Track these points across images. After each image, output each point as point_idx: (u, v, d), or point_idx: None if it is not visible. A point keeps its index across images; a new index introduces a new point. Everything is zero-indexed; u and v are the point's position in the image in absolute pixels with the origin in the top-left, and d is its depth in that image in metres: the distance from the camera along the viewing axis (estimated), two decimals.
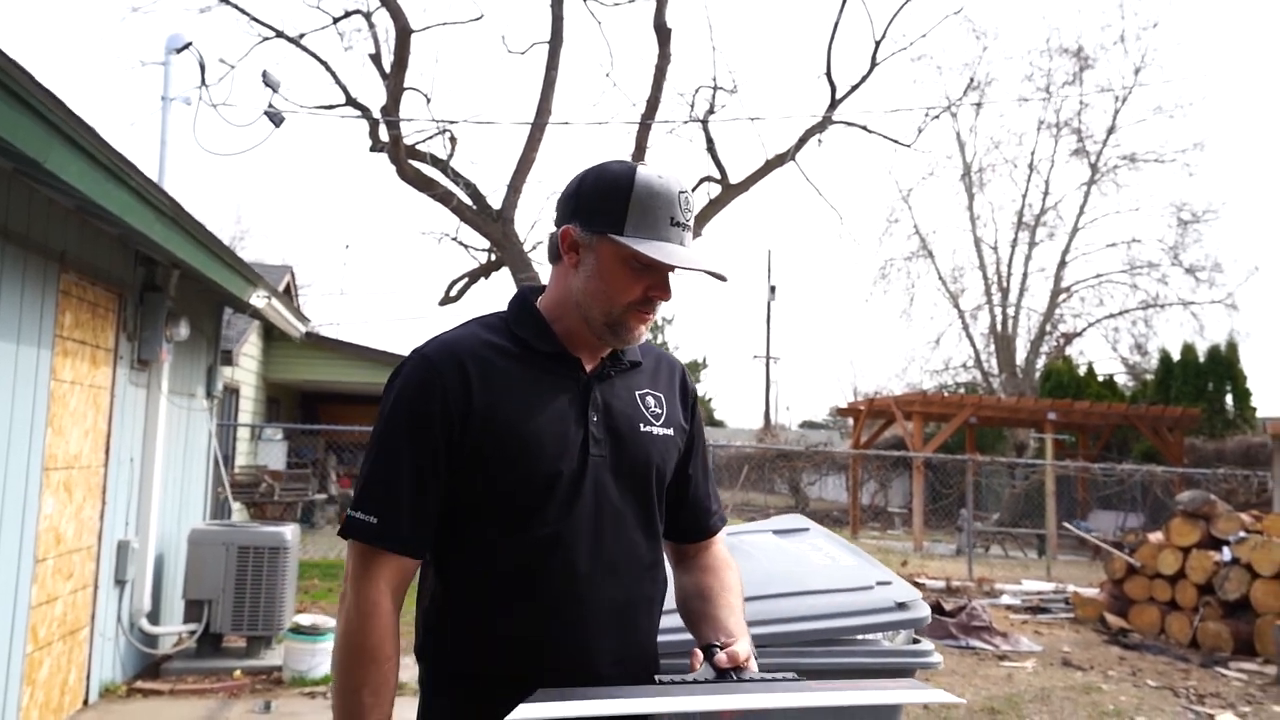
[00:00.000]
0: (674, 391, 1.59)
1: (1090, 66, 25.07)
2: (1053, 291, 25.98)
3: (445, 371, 1.40)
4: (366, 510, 1.37)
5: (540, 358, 1.45)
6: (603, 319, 1.43)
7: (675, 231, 1.39)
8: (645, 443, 1.49)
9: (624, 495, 1.46)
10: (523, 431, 1.39)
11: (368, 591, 1.35)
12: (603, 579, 1.42)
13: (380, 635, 1.34)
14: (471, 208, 12.78)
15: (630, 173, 1.41)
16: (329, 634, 5.53)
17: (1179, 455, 16.74)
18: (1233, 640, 7.45)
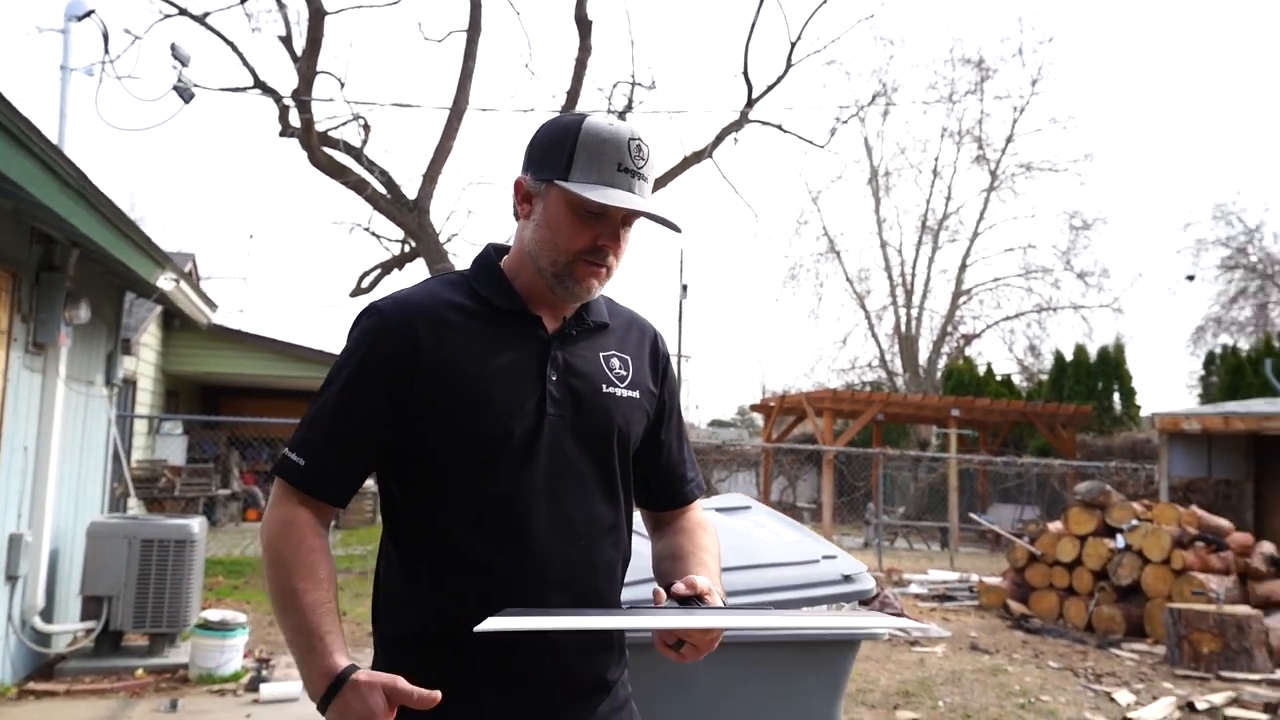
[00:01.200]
0: (643, 355, 1.55)
1: (990, 77, 26.07)
2: (954, 294, 26.93)
3: (395, 327, 1.37)
4: (298, 452, 1.37)
5: (499, 315, 1.42)
6: (551, 269, 1.39)
7: (623, 178, 1.34)
8: (607, 404, 1.44)
9: (583, 457, 1.42)
10: (474, 389, 1.36)
11: (285, 511, 1.35)
12: (558, 541, 1.37)
13: (300, 534, 1.33)
14: (386, 197, 12.50)
15: (579, 120, 1.39)
16: (240, 630, 5.34)
17: (1072, 450, 17.52)
18: (1125, 623, 7.83)
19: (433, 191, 12.64)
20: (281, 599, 1.31)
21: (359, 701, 1.19)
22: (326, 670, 1.23)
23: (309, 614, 1.28)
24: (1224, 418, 9.68)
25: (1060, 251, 26.49)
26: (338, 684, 1.21)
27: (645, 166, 1.37)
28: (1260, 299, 25.28)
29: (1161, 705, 5.51)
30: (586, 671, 1.41)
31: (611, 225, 1.37)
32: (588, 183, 1.33)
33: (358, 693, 1.19)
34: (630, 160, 1.35)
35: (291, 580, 1.30)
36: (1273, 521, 10.46)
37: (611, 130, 1.36)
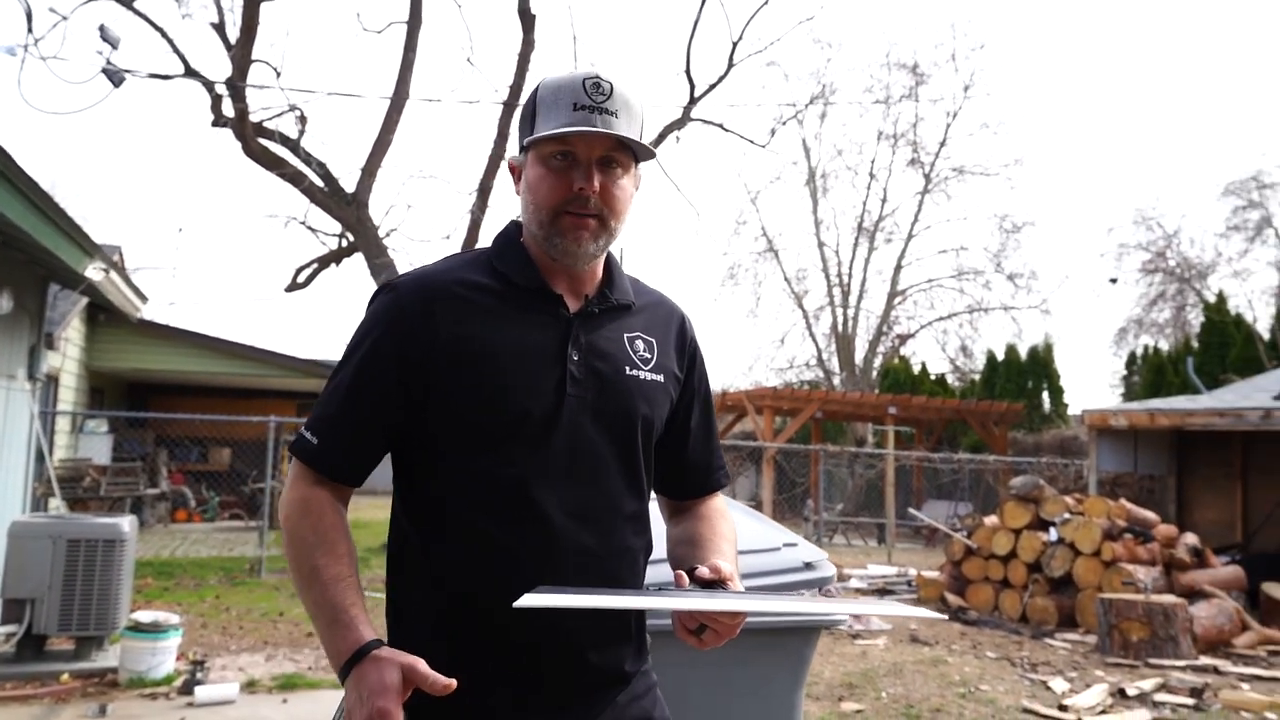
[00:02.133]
0: (670, 338, 1.50)
1: (924, 82, 26.57)
2: (889, 294, 27.38)
3: (410, 306, 1.35)
4: (312, 431, 1.36)
5: (520, 293, 1.38)
6: (540, 231, 1.36)
7: (581, 115, 1.30)
8: (631, 386, 1.40)
9: (604, 440, 1.38)
10: (491, 367, 1.32)
11: (302, 491, 1.34)
12: (575, 526, 1.33)
13: (319, 511, 1.32)
14: (323, 190, 12.23)
15: (539, 83, 1.38)
16: (173, 631, 5.16)
17: (1004, 447, 17.95)
18: (1058, 613, 8.03)
19: (372, 185, 12.41)
20: (303, 575, 1.29)
21: (375, 674, 1.17)
22: (351, 642, 1.21)
23: (330, 588, 1.26)
24: (1150, 414, 10.00)
25: (991, 254, 27.16)
26: (359, 656, 1.19)
27: (607, 100, 1.32)
28: (1179, 301, 26.21)
29: (1095, 692, 5.66)
30: (603, 664, 1.37)
31: (584, 168, 1.32)
32: (546, 129, 1.31)
33: (376, 665, 1.18)
34: (587, 97, 1.31)
35: (312, 557, 1.29)
36: (1194, 514, 10.85)
37: (567, 76, 1.35)
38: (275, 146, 11.99)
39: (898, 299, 27.49)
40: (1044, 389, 22.22)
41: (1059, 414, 21.64)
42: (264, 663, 5.75)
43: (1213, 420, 9.22)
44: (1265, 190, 24.33)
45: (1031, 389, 21.95)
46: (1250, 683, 6.20)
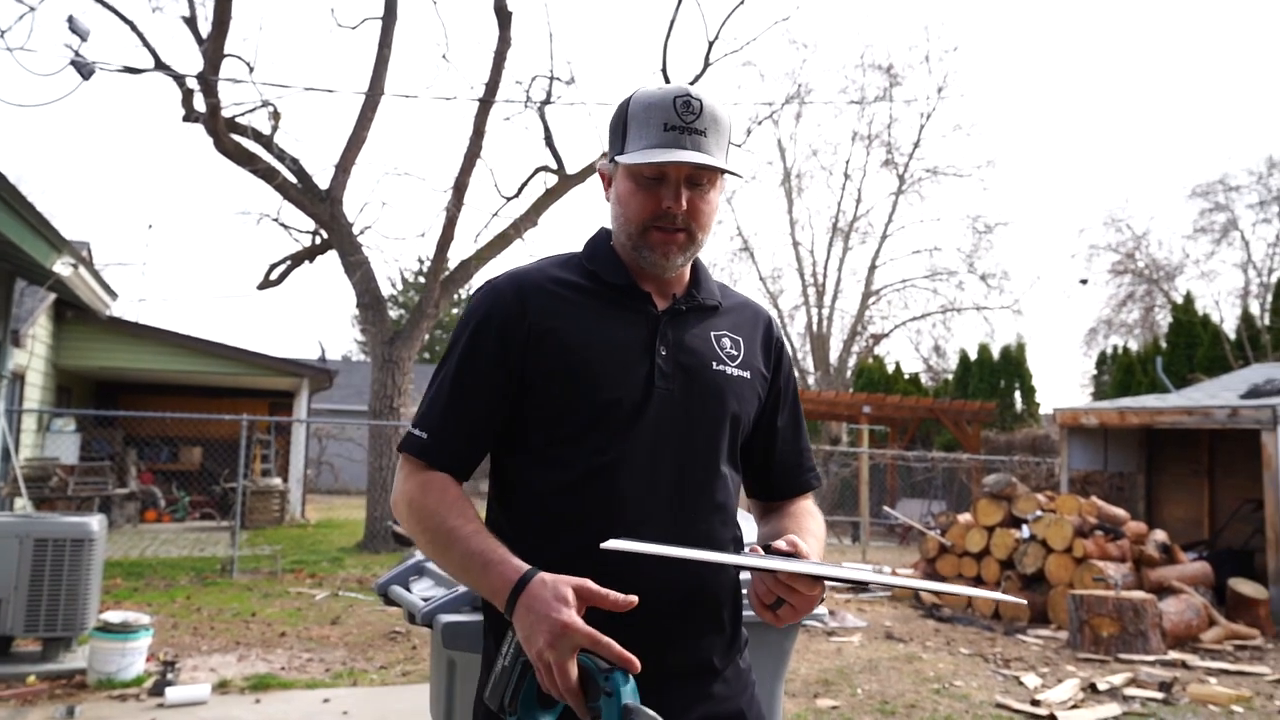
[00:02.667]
0: (756, 338, 1.54)
1: (899, 83, 26.72)
2: (863, 294, 27.53)
3: (508, 299, 1.41)
4: (421, 426, 1.41)
5: (610, 290, 1.44)
6: (629, 242, 1.42)
7: (671, 136, 1.34)
8: (718, 381, 1.44)
9: (691, 432, 1.41)
10: (583, 358, 1.38)
11: (420, 477, 1.38)
12: (661, 514, 1.37)
13: (441, 486, 1.37)
14: (296, 186, 12.11)
15: (630, 96, 1.41)
16: (143, 632, 5.09)
17: (976, 446, 18.11)
18: (1030, 610, 8.11)
19: (346, 181, 12.31)
20: (440, 540, 1.33)
21: (546, 593, 1.17)
22: (510, 574, 1.22)
23: (471, 540, 1.29)
24: (1120, 412, 10.12)
25: (964, 254, 27.37)
26: (522, 584, 1.20)
27: (697, 120, 1.35)
28: (1147, 302, 26.56)
29: (1066, 687, 5.72)
30: (687, 654, 1.38)
31: (673, 187, 1.37)
32: (638, 150, 1.35)
33: (544, 586, 1.18)
34: (677, 117, 1.35)
35: (445, 521, 1.33)
36: (1163, 511, 10.99)
37: (658, 94, 1.38)
38: (248, 142, 11.85)
39: (872, 299, 27.64)
40: (1016, 388, 22.44)
41: (1031, 413, 21.86)
42: (236, 663, 5.68)
43: (1181, 419, 9.35)
44: (1231, 193, 24.72)
45: (1004, 388, 22.17)
46: (1217, 677, 6.30)
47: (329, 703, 4.89)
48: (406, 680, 5.45)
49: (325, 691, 5.11)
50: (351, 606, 7.76)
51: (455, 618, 2.05)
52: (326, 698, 4.98)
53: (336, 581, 9.12)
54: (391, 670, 5.68)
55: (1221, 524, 10.34)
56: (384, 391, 12.16)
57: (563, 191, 13.16)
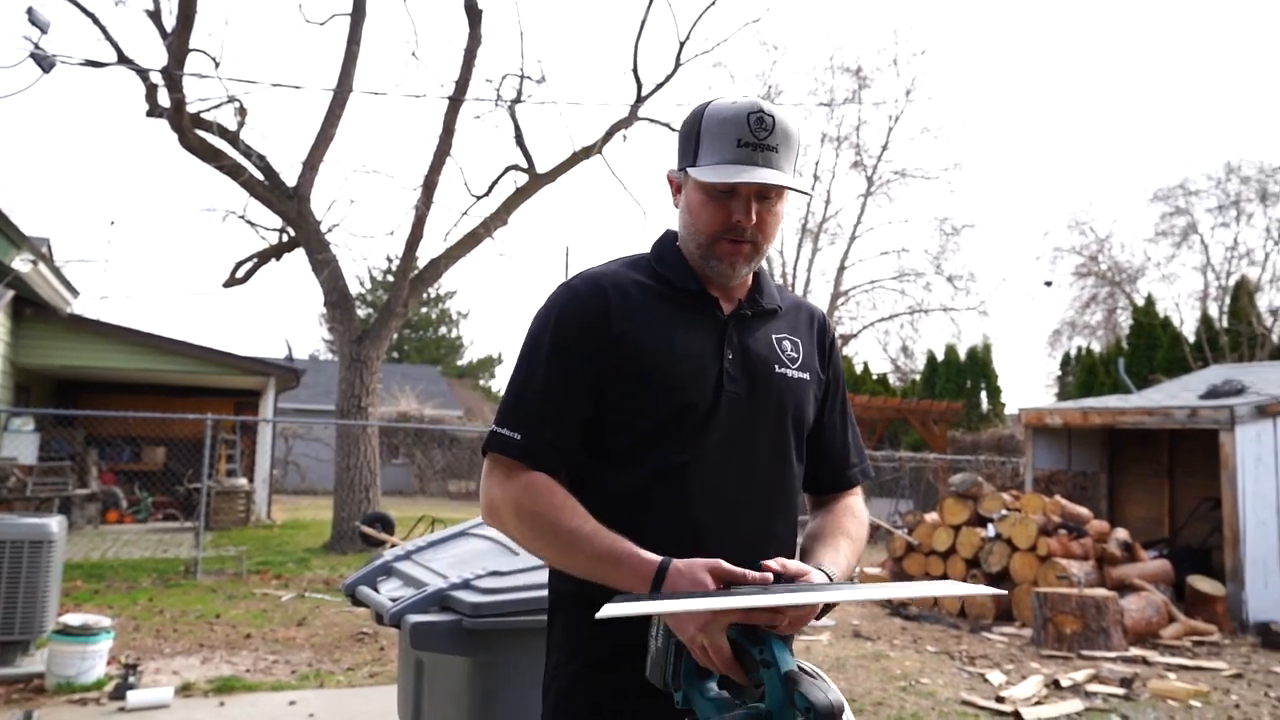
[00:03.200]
0: (812, 338, 1.59)
1: (868, 86, 26.93)
2: (832, 295, 27.70)
3: (589, 299, 1.44)
4: (510, 427, 1.42)
5: (679, 294, 1.48)
6: (697, 251, 1.46)
7: (744, 153, 1.38)
8: (781, 383, 1.50)
9: (759, 433, 1.46)
10: (658, 361, 1.42)
11: (521, 480, 1.39)
12: (731, 512, 1.42)
13: (547, 488, 1.38)
14: (263, 183, 11.96)
15: (704, 106, 1.44)
16: (104, 635, 5.01)
17: (943, 446, 18.29)
18: (995, 608, 8.21)
19: (314, 179, 12.18)
20: (562, 542, 1.35)
21: (683, 580, 1.23)
22: (647, 567, 1.27)
23: (596, 539, 1.32)
24: (1083, 413, 10.27)
25: (932, 256, 27.62)
26: (661, 574, 1.26)
27: (769, 136, 1.39)
28: (1110, 304, 26.98)
29: (1030, 684, 5.79)
30: None
31: (744, 201, 1.41)
32: (711, 164, 1.38)
33: (681, 574, 1.24)
34: (750, 134, 1.38)
35: (564, 523, 1.35)
36: (1125, 510, 11.17)
37: (731, 109, 1.41)
38: (213, 138, 11.70)
39: (841, 300, 27.82)
40: (982, 388, 22.71)
41: (996, 413, 22.13)
42: (200, 665, 5.61)
43: (1142, 419, 9.51)
44: (1191, 197, 25.16)
45: (970, 388, 22.43)
46: (1176, 672, 6.41)
47: (295, 705, 4.84)
48: (374, 682, 5.41)
49: (291, 694, 5.05)
50: (318, 608, 7.69)
51: (423, 618, 2.04)
52: (292, 700, 4.93)
53: (303, 583, 9.03)
54: (359, 672, 5.63)
55: (1181, 522, 10.53)
56: (351, 391, 12.06)
57: (533, 190, 13.12)
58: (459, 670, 2.08)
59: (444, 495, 24.99)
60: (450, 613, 2.08)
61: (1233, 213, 24.26)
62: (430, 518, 11.14)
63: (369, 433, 12.09)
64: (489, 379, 42.75)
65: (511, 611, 2.03)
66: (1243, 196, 24.08)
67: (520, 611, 2.03)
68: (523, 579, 2.09)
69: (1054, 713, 5.20)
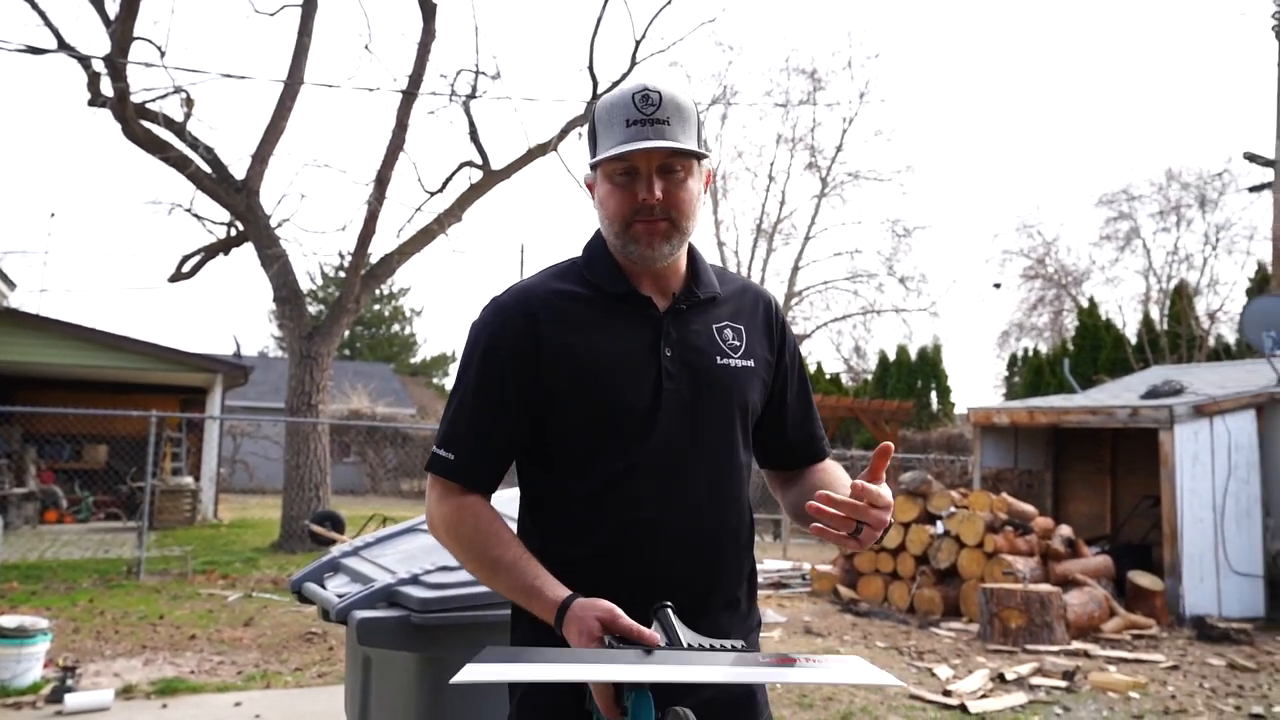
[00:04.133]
0: (757, 322, 1.57)
1: (822, 88, 27.18)
2: (786, 295, 27.92)
3: (516, 315, 1.45)
4: (446, 447, 1.45)
5: (611, 299, 1.47)
6: (617, 241, 1.45)
7: (633, 130, 1.38)
8: (723, 375, 1.49)
9: (702, 428, 1.46)
10: (593, 369, 1.42)
11: (454, 502, 1.44)
12: (680, 512, 1.43)
13: (475, 512, 1.42)
14: (211, 176, 11.73)
15: (596, 104, 1.46)
16: (40, 637, 4.88)
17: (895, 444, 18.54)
18: (943, 603, 8.34)
19: (263, 172, 11.98)
20: (485, 569, 1.40)
21: (573, 628, 1.27)
22: (552, 604, 1.31)
23: (513, 570, 1.36)
24: (1029, 412, 10.47)
25: (884, 257, 27.97)
26: (564, 609, 1.30)
27: (657, 110, 1.39)
28: (1056, 306, 27.55)
29: (976, 678, 5.89)
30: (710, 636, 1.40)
31: (645, 179, 1.40)
32: (607, 149, 1.39)
33: (574, 619, 1.28)
34: (637, 111, 1.39)
35: (486, 551, 1.39)
36: (1069, 507, 11.42)
37: (618, 94, 1.42)
38: (159, 129, 11.45)
39: (795, 300, 28.06)
40: (932, 388, 23.07)
41: (946, 412, 22.49)
42: (142, 668, 5.48)
43: (1086, 418, 9.72)
44: (1134, 202, 25.79)
45: (921, 388, 22.76)
46: (1116, 665, 6.57)
47: (240, 706, 4.76)
48: (323, 682, 5.33)
49: (237, 695, 4.96)
50: (266, 608, 7.56)
51: (371, 614, 2.02)
52: (238, 701, 4.84)
53: (250, 582, 8.88)
54: (307, 672, 5.55)
55: (1122, 519, 10.80)
56: (301, 388, 11.88)
57: (488, 187, 13.04)
58: (407, 666, 2.06)
59: (396, 494, 24.72)
60: (398, 608, 2.05)
61: (1173, 218, 24.94)
62: (382, 516, 11.02)
63: (319, 430, 11.92)
64: (443, 376, 42.40)
65: (460, 607, 2.01)
66: (1182, 202, 24.75)
67: (469, 607, 2.01)
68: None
69: (999, 705, 5.30)
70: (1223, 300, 23.69)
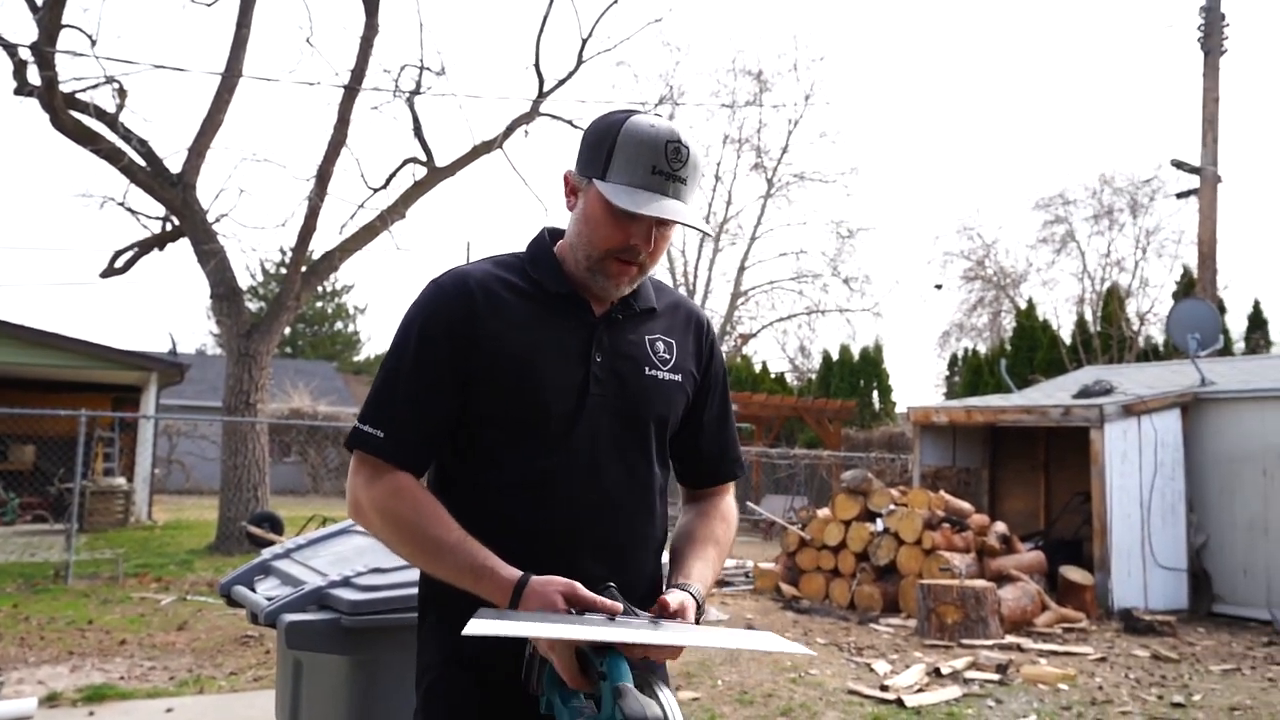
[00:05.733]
0: (688, 339, 1.59)
1: (768, 89, 27.43)
2: (733, 294, 28.13)
3: (455, 297, 1.44)
4: (374, 424, 1.41)
5: (550, 298, 1.47)
6: (585, 262, 1.45)
7: (656, 180, 1.37)
8: (649, 386, 1.50)
9: (624, 435, 1.47)
10: (522, 366, 1.42)
11: (387, 482, 1.39)
12: (596, 516, 1.44)
13: (412, 493, 1.38)
14: (145, 169, 11.43)
15: (623, 119, 1.41)
16: None
17: (837, 443, 18.79)
18: (883, 600, 8.48)
19: (200, 166, 11.71)
20: (426, 551, 1.36)
21: (537, 597, 1.28)
22: (505, 583, 1.30)
23: (459, 551, 1.34)
24: (967, 411, 10.69)
25: (828, 258, 28.32)
26: (518, 591, 1.29)
27: (683, 169, 1.39)
28: (995, 308, 28.14)
29: (913, 672, 6.00)
30: None
31: (644, 227, 1.41)
32: (622, 184, 1.37)
33: (535, 592, 1.28)
34: (666, 163, 1.38)
35: (427, 531, 1.36)
36: (1004, 504, 11.68)
37: (651, 132, 1.38)
38: (90, 120, 11.12)
39: (741, 299, 28.28)
40: (875, 388, 23.40)
41: (888, 412, 22.85)
42: (69, 674, 5.33)
43: (1021, 417, 9.96)
44: (1069, 206, 26.45)
45: (863, 387, 23.09)
46: (1047, 658, 6.74)
47: (172, 712, 4.65)
48: (259, 686, 5.24)
49: (168, 700, 4.85)
50: (201, 611, 7.40)
51: (300, 617, 1.99)
52: (170, 707, 4.73)
53: (185, 585, 8.68)
54: (242, 676, 5.45)
55: (1055, 515, 11.08)
56: (240, 387, 11.64)
57: (432, 184, 12.92)
58: (338, 670, 2.04)
59: (338, 495, 24.34)
60: (329, 611, 2.03)
61: (1106, 222, 25.63)
62: (322, 516, 10.85)
63: (258, 430, 11.70)
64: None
65: (392, 609, 1.99)
66: (1115, 207, 25.46)
67: (401, 609, 1.99)
68: (404, 575, 2.06)
69: (934, 699, 5.41)
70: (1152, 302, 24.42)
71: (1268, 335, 20.24)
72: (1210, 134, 15.09)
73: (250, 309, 13.18)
